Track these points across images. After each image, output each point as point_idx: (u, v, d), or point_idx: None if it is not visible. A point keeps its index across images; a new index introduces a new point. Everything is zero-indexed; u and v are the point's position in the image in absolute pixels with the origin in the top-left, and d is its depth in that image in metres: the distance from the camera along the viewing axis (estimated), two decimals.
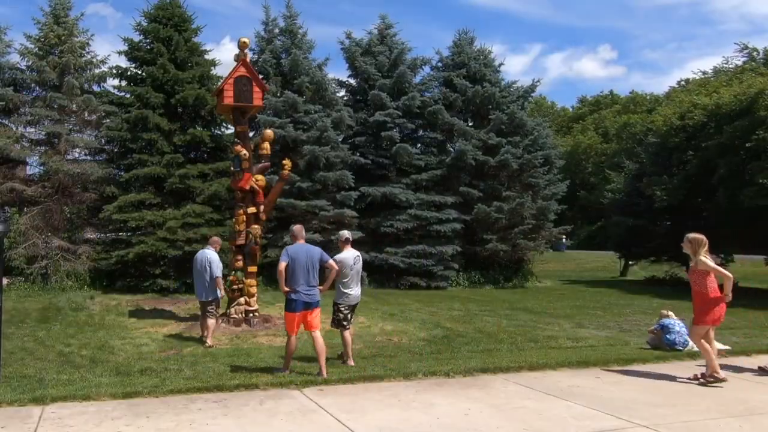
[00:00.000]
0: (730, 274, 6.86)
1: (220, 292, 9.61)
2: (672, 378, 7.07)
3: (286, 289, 6.92)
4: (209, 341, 9.13)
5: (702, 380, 6.76)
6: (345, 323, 7.50)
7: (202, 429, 4.99)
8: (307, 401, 5.84)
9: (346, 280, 7.48)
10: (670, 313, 9.23)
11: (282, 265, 6.89)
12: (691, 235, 7.01)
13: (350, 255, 7.54)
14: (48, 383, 6.40)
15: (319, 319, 7.09)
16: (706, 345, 6.84)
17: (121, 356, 8.26)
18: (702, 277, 6.84)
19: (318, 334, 6.98)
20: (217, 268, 9.40)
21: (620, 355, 8.12)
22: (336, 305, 7.55)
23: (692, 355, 8.28)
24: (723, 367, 7.03)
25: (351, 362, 7.49)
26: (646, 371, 7.42)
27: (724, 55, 74.65)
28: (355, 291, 7.57)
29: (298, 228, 7.33)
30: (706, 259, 6.82)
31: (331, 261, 7.17)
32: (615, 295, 18.52)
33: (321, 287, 7.10)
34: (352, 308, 7.67)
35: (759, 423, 5.44)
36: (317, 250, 7.12)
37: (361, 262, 7.72)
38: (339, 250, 7.67)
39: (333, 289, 7.53)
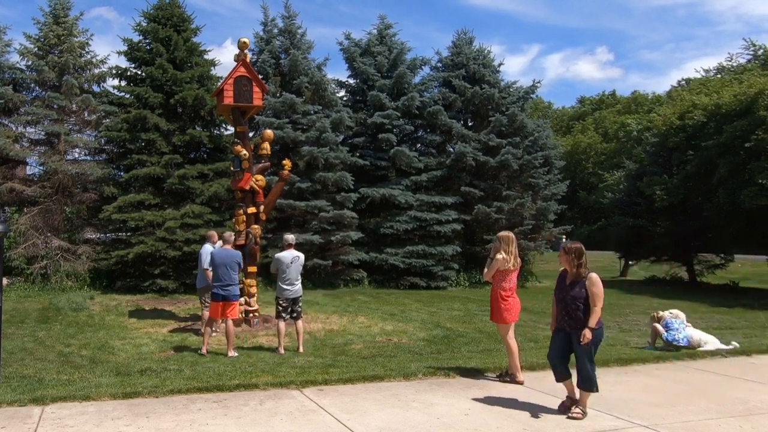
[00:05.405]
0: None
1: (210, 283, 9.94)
2: (672, 378, 7.06)
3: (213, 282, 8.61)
4: (203, 329, 9.37)
5: (504, 378, 6.74)
6: (284, 314, 8.54)
7: (202, 429, 4.98)
8: (307, 401, 5.83)
9: (284, 276, 8.50)
10: (676, 312, 9.24)
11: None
12: (501, 233, 6.93)
13: (289, 254, 8.55)
14: (48, 383, 6.39)
15: (234, 310, 8.54)
16: (515, 344, 6.80)
17: (121, 356, 8.26)
18: (513, 273, 6.87)
19: (230, 322, 8.40)
20: (204, 261, 9.78)
21: (620, 355, 8.11)
22: (276, 299, 8.66)
23: (692, 356, 8.27)
24: None
25: (281, 351, 8.43)
26: (646, 371, 7.42)
27: (729, 52, 74.42)
28: (292, 287, 8.56)
29: (228, 234, 8.99)
30: (499, 255, 6.73)
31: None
32: (615, 295, 18.49)
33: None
34: (292, 302, 8.59)
35: (759, 423, 5.44)
36: (238, 255, 8.65)
37: (300, 263, 8.64)
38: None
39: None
